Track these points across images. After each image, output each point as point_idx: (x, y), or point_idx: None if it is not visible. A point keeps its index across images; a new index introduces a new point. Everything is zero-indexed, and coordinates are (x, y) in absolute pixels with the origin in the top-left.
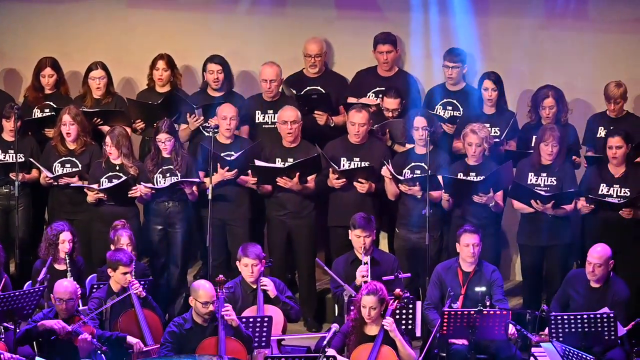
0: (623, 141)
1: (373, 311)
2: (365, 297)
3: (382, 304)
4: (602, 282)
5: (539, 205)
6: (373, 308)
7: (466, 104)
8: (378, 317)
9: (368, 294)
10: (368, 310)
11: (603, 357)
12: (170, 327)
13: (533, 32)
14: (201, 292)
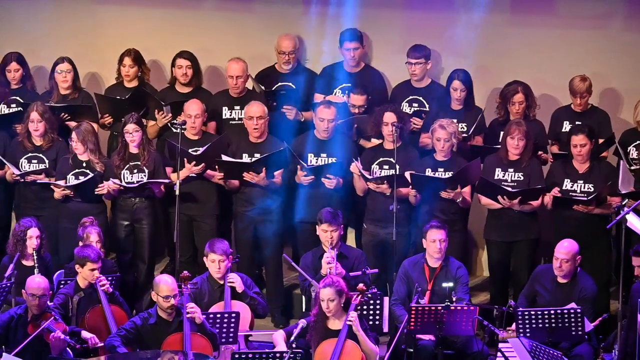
0: (587, 139)
1: (331, 303)
2: (322, 290)
3: (341, 296)
4: (569, 277)
5: (506, 201)
6: (331, 300)
7: (431, 100)
8: (339, 311)
9: (325, 287)
10: (326, 302)
11: (570, 353)
12: (135, 319)
13: (500, 28)
14: (162, 286)
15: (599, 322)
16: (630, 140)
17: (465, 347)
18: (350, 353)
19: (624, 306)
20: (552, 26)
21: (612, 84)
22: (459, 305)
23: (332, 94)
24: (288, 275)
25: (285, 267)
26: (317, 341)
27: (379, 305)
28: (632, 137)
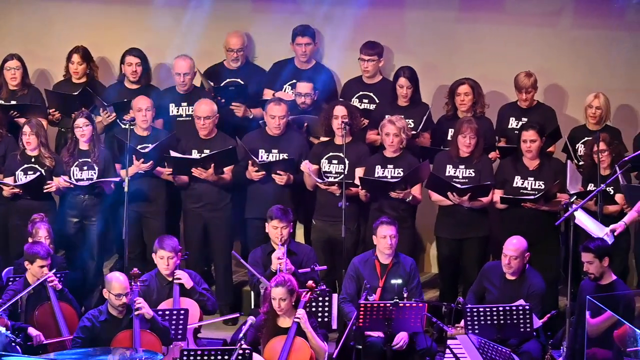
0: (537, 135)
1: (283, 302)
2: (274, 289)
3: (292, 295)
4: (518, 274)
5: (456, 197)
6: (282, 299)
7: (382, 96)
8: (290, 308)
9: (276, 286)
10: (278, 301)
11: (518, 349)
12: (83, 322)
13: (449, 25)
14: (114, 283)
15: (547, 319)
16: (579, 137)
17: (414, 343)
18: (300, 350)
19: (572, 303)
20: (500, 23)
21: (558, 80)
22: (408, 302)
23: (281, 91)
24: (237, 272)
25: (234, 264)
26: (267, 338)
27: (328, 302)
28: (581, 134)
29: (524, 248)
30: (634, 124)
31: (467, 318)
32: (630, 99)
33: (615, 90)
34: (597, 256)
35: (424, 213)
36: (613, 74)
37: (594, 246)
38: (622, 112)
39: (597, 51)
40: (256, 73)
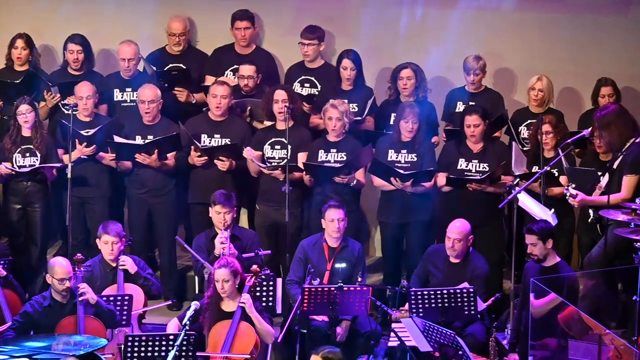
0: (480, 119)
1: (226, 284)
2: (218, 271)
3: (236, 277)
4: (462, 257)
5: (398, 182)
6: (226, 281)
7: (324, 81)
8: (234, 292)
9: (220, 267)
10: (221, 283)
11: (463, 332)
12: (25, 307)
13: (392, 8)
14: (57, 268)
15: (491, 302)
16: (522, 120)
17: (359, 327)
18: (245, 334)
19: (516, 285)
20: (445, 6)
21: (505, 64)
22: (352, 286)
23: (223, 76)
24: (181, 257)
25: (178, 249)
26: (211, 323)
27: (272, 286)
28: (523, 116)
29: (468, 231)
30: (578, 106)
31: (412, 301)
32: (573, 81)
33: (558, 73)
34: (540, 238)
35: (367, 197)
36: (556, 57)
37: (537, 228)
38: (565, 95)
39: (540, 34)
40: (198, 58)
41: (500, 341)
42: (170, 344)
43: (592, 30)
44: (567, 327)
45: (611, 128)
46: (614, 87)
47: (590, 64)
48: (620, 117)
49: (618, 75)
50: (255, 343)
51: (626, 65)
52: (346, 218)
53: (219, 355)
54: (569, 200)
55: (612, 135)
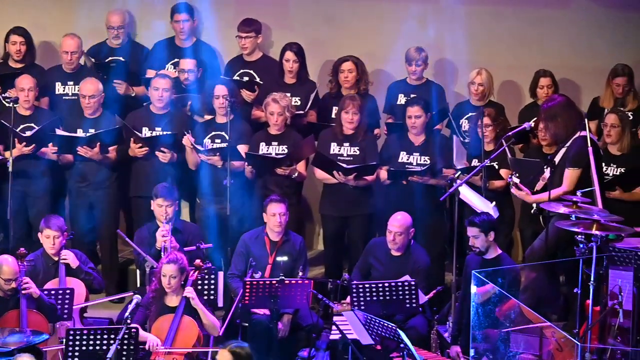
0: (422, 110)
1: (173, 280)
2: (166, 266)
3: (183, 273)
4: (403, 250)
5: (341, 176)
6: (173, 277)
7: (263, 73)
8: (178, 287)
9: (168, 263)
10: (168, 279)
11: (404, 325)
12: None
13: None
14: (4, 267)
15: (433, 294)
16: (463, 113)
17: (301, 320)
18: (187, 329)
19: (457, 278)
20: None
21: (447, 56)
22: (293, 279)
23: (164, 69)
24: (123, 251)
25: (119, 242)
26: (154, 317)
27: (214, 280)
28: (464, 109)
29: (409, 224)
30: (518, 100)
31: (353, 294)
32: (514, 75)
33: (499, 66)
34: (482, 230)
35: (309, 190)
36: (498, 50)
37: (479, 220)
38: (506, 88)
39: (482, 27)
40: (138, 51)
41: (442, 334)
42: (112, 337)
43: (534, 24)
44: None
45: (557, 120)
46: (553, 79)
47: (531, 57)
48: (567, 109)
49: (557, 68)
50: (198, 337)
51: (566, 58)
52: (288, 212)
53: (161, 349)
54: (512, 190)
55: (558, 127)
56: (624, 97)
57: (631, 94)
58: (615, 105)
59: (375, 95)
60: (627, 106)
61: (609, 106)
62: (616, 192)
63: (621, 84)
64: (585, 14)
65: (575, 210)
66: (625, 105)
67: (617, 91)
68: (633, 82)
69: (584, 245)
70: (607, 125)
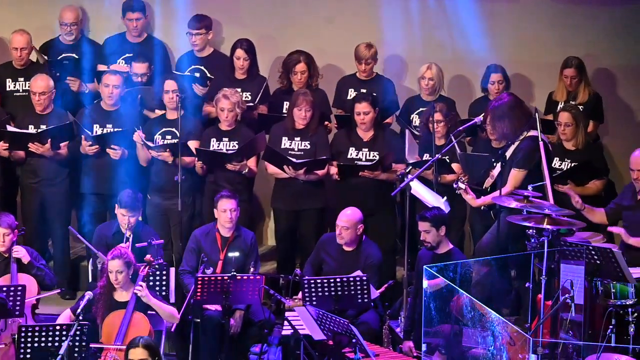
0: (370, 106)
1: (120, 275)
2: (111, 262)
3: (129, 268)
4: (355, 245)
5: (292, 171)
6: (119, 272)
7: (214, 69)
8: (127, 282)
9: (113, 259)
10: (115, 274)
11: (356, 320)
12: None
13: None
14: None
15: (384, 289)
16: (413, 108)
17: (253, 316)
18: (139, 325)
19: (409, 273)
20: None
21: (396, 51)
22: (245, 275)
23: (115, 64)
24: (74, 247)
25: (71, 239)
26: (104, 313)
27: (166, 276)
28: (415, 104)
29: (357, 219)
30: (469, 94)
31: (305, 290)
32: (464, 70)
33: (450, 61)
34: (433, 225)
35: (261, 185)
36: (448, 45)
37: (430, 215)
38: (456, 82)
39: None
40: (91, 47)
41: (394, 329)
42: (64, 334)
43: (484, 18)
44: (460, 314)
45: (504, 120)
46: (504, 74)
47: (481, 51)
48: (515, 109)
49: (508, 62)
50: (150, 333)
51: (517, 53)
52: (238, 208)
53: (112, 346)
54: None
55: (505, 126)
56: (575, 89)
57: (582, 86)
58: (569, 97)
59: (326, 90)
60: (579, 98)
61: (562, 99)
62: (567, 186)
63: (569, 75)
64: (535, 8)
65: (526, 204)
66: (577, 98)
67: (566, 83)
68: (584, 74)
69: (535, 239)
70: (561, 124)
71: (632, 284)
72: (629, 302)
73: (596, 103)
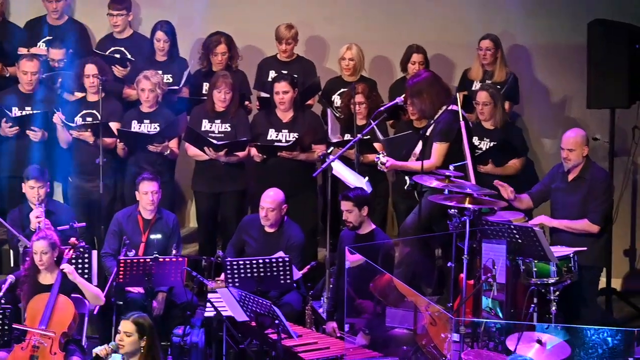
0: (289, 86)
1: (44, 256)
2: (36, 243)
3: (54, 250)
4: (277, 226)
5: (212, 152)
6: (44, 253)
7: (135, 51)
8: (52, 264)
9: (38, 240)
10: (40, 255)
11: (279, 301)
12: None
13: None
14: None
15: (307, 270)
16: (335, 89)
17: (175, 298)
18: (63, 308)
19: (331, 253)
20: None
21: (317, 32)
22: (167, 257)
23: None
24: None
25: None
26: (29, 296)
27: (88, 259)
28: (336, 85)
29: (281, 199)
30: (390, 75)
31: (227, 271)
32: (385, 50)
33: (370, 42)
34: (356, 205)
35: (182, 167)
36: (368, 26)
37: (353, 195)
38: (377, 63)
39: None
40: (12, 30)
41: (317, 310)
42: None
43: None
44: (382, 295)
45: (423, 96)
46: (425, 55)
47: (402, 32)
48: (432, 85)
49: (428, 43)
50: (74, 316)
51: (437, 33)
52: (160, 190)
53: (37, 330)
54: (379, 167)
55: (424, 102)
56: (492, 67)
57: (498, 65)
58: (484, 76)
59: (246, 71)
60: (495, 76)
61: (478, 78)
62: (488, 166)
63: (484, 47)
64: None
65: (448, 184)
66: (493, 77)
67: (482, 56)
68: (500, 51)
69: (457, 219)
70: (479, 103)
71: (553, 263)
72: (550, 281)
73: (512, 83)
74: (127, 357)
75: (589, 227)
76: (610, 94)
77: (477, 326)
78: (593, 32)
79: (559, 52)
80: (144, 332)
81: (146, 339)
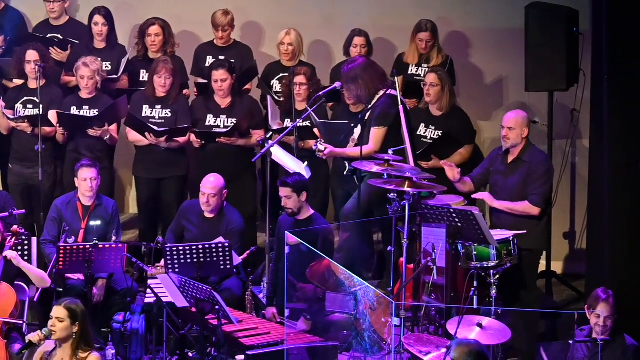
0: (227, 73)
1: None
2: None
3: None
4: (216, 212)
5: (153, 138)
6: None
7: (72, 38)
8: None
9: None
10: None
11: (219, 287)
12: None
13: None
14: None
15: (247, 255)
16: (273, 74)
17: (115, 284)
18: (5, 296)
19: (271, 239)
20: None
21: (253, 18)
22: (107, 243)
23: None
24: None
25: None
26: None
27: (28, 245)
28: (275, 70)
29: (222, 185)
30: (329, 59)
31: (167, 257)
32: (324, 35)
33: (308, 26)
34: (295, 190)
35: (122, 153)
36: (306, 10)
37: (291, 181)
38: (316, 48)
39: None
40: None
41: (257, 295)
42: None
43: None
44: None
45: (358, 82)
46: (367, 38)
47: (342, 16)
48: (367, 70)
49: (369, 27)
50: (16, 303)
51: (377, 17)
52: (99, 176)
53: None
54: (317, 155)
55: (360, 88)
56: (428, 52)
57: (435, 49)
58: (420, 61)
59: (183, 57)
60: (432, 62)
61: (414, 62)
62: (431, 162)
63: (424, 39)
64: None
65: (387, 168)
66: (430, 61)
67: (420, 46)
68: (437, 37)
69: (397, 203)
70: (427, 84)
71: (493, 246)
72: (490, 264)
73: (448, 67)
74: (60, 342)
75: (529, 209)
76: (549, 77)
77: (417, 310)
78: (530, 16)
79: (496, 36)
80: (76, 318)
81: (78, 325)
